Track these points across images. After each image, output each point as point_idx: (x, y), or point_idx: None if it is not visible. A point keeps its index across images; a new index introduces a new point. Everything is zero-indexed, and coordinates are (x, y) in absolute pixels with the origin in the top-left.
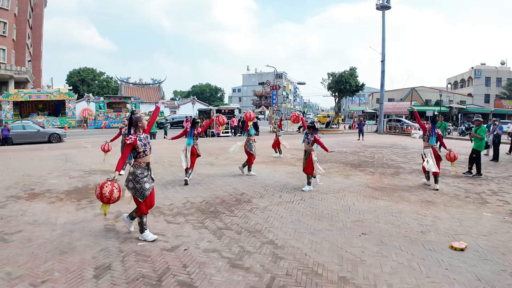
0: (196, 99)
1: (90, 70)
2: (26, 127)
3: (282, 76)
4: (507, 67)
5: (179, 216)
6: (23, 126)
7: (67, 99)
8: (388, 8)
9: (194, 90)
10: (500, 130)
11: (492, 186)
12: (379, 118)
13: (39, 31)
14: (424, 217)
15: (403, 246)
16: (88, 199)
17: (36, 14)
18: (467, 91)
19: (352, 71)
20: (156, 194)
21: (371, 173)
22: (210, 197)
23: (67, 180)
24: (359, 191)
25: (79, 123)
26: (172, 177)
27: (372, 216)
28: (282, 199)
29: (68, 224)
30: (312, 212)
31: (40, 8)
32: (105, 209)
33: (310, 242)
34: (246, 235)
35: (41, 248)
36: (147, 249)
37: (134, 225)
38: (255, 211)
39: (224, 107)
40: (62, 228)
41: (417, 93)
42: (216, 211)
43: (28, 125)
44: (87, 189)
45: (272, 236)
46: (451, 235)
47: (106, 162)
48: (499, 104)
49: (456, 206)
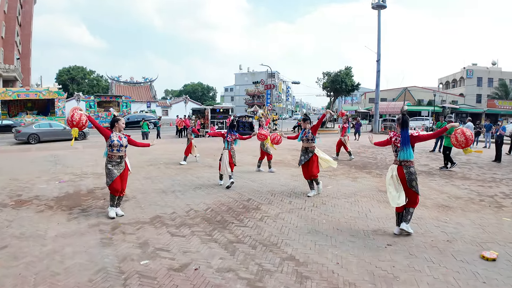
0: (188, 98)
1: (80, 68)
2: (53, 125)
3: (275, 75)
4: (498, 68)
5: (184, 227)
6: (49, 124)
7: (56, 98)
8: (384, 8)
9: (186, 89)
10: (503, 131)
11: (503, 189)
12: (375, 118)
13: (28, 28)
14: (445, 223)
15: (434, 258)
16: (80, 207)
17: (25, 11)
18: (459, 91)
19: (347, 70)
20: (155, 200)
21: (378, 176)
22: (214, 203)
23: (57, 185)
24: (371, 196)
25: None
26: (170, 181)
27: (392, 224)
28: (293, 205)
29: (59, 237)
30: (328, 221)
31: (29, 5)
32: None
33: (334, 257)
34: (262, 250)
35: (29, 268)
36: (151, 269)
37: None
38: (266, 220)
39: (219, 106)
40: (52, 242)
41: (410, 93)
42: (224, 221)
43: (54, 123)
44: (79, 195)
45: (291, 251)
46: (478, 244)
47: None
48: (491, 104)
49: (474, 210)
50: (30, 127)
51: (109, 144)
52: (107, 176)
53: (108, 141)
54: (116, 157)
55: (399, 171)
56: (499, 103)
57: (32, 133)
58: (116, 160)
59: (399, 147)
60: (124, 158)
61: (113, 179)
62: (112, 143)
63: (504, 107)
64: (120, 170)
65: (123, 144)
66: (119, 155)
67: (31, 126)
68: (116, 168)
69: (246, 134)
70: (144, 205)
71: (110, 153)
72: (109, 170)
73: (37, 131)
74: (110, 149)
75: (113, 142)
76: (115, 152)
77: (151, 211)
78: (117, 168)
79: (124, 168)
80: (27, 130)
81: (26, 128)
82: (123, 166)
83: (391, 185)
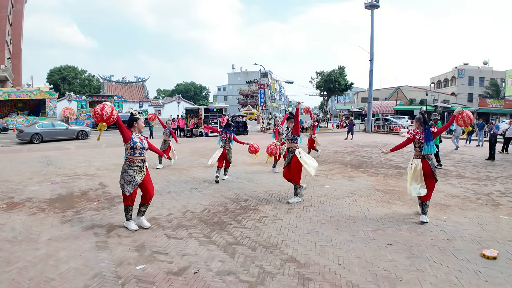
0: (181, 97)
1: (72, 68)
2: (56, 124)
3: (268, 75)
4: (489, 67)
5: (181, 229)
6: (52, 124)
7: (47, 98)
8: (377, 7)
9: (178, 89)
10: (497, 129)
11: (498, 187)
12: (368, 117)
13: (19, 28)
14: (444, 222)
15: (435, 257)
16: (74, 209)
17: (16, 11)
18: (451, 90)
19: (341, 70)
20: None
21: (374, 175)
22: (211, 204)
23: (49, 187)
24: (369, 195)
25: None
26: (165, 182)
27: (391, 223)
28: (291, 205)
29: (53, 241)
30: (328, 221)
31: (20, 4)
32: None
33: (336, 258)
34: (262, 252)
35: (22, 273)
36: (149, 273)
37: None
38: (265, 221)
39: (213, 106)
40: (46, 246)
41: (402, 92)
42: (222, 222)
43: (57, 123)
44: (71, 197)
45: (292, 252)
46: (478, 242)
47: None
48: (483, 103)
49: (471, 209)
50: (33, 127)
51: (131, 146)
52: (127, 183)
53: (129, 143)
54: (138, 161)
55: (424, 164)
56: (490, 102)
57: (36, 133)
58: (138, 165)
59: (423, 143)
60: (145, 162)
61: (135, 187)
62: (135, 146)
63: (495, 106)
64: (142, 176)
65: (145, 147)
66: (141, 159)
67: (34, 126)
68: (138, 174)
69: (240, 134)
70: None
71: (131, 157)
72: (130, 177)
73: (40, 131)
74: (132, 152)
75: (135, 144)
76: (137, 155)
77: (147, 212)
78: (139, 174)
79: (146, 173)
80: (30, 130)
81: (29, 128)
82: (144, 171)
83: (415, 178)
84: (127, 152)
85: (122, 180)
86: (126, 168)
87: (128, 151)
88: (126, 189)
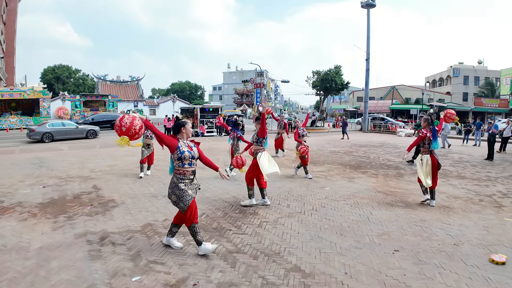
0: (176, 97)
1: (66, 67)
2: (66, 124)
3: (263, 74)
4: (484, 66)
5: (178, 236)
6: (62, 123)
7: (41, 97)
8: (373, 6)
9: (173, 88)
10: (495, 129)
11: (500, 188)
12: (364, 117)
13: (12, 26)
14: (449, 225)
15: (444, 264)
16: (66, 214)
17: (10, 9)
18: (446, 89)
19: (337, 69)
20: (145, 206)
21: (374, 176)
22: (209, 209)
23: (41, 190)
24: (370, 197)
25: None
26: (161, 184)
27: (396, 227)
28: (291, 209)
29: (44, 249)
30: (331, 225)
31: (14, 3)
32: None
33: (342, 266)
34: (264, 260)
35: (12, 285)
36: (145, 286)
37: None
38: (265, 226)
39: (209, 105)
40: (37, 256)
41: (397, 91)
42: (221, 228)
43: (67, 122)
44: (64, 201)
45: (296, 260)
46: (485, 246)
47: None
48: (479, 102)
49: (475, 211)
50: (44, 126)
51: (178, 157)
52: (180, 199)
53: (176, 153)
54: (189, 173)
55: (433, 159)
56: (486, 101)
57: (46, 132)
58: (189, 177)
59: (432, 140)
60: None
61: (189, 204)
62: (183, 155)
63: (490, 105)
64: (195, 190)
65: (195, 156)
66: (192, 170)
67: (45, 125)
68: (190, 187)
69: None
70: (134, 212)
71: (181, 168)
72: (182, 191)
73: (51, 130)
74: (180, 164)
75: (183, 154)
76: (186, 167)
77: (142, 218)
78: (191, 188)
79: (199, 187)
80: (41, 129)
81: (40, 127)
82: (197, 185)
83: (425, 171)
84: (174, 163)
85: (174, 196)
86: (176, 182)
87: (176, 162)
88: (181, 206)
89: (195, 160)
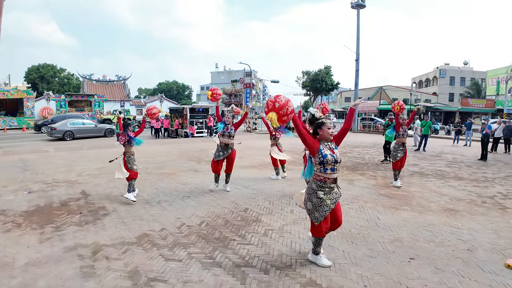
0: (164, 96)
1: (50, 66)
2: (85, 123)
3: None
4: (470, 67)
5: (178, 248)
6: (82, 122)
7: (25, 97)
8: (363, 7)
9: (160, 88)
10: (489, 129)
11: (499, 189)
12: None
13: None
14: (458, 229)
15: (462, 271)
16: (54, 224)
17: None
18: (432, 90)
19: (327, 69)
20: (139, 214)
21: (373, 177)
22: (208, 216)
23: (25, 196)
24: (374, 200)
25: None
26: (154, 189)
27: (406, 232)
28: (295, 215)
29: (31, 266)
30: (340, 232)
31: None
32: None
33: (359, 278)
34: (276, 274)
35: None
36: None
37: None
38: (271, 235)
39: (199, 105)
40: (22, 273)
41: (385, 92)
42: (224, 238)
43: (87, 122)
44: (51, 209)
45: (310, 273)
46: (499, 251)
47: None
48: (465, 102)
49: (480, 214)
50: (65, 125)
51: (320, 161)
52: (316, 209)
53: (317, 156)
54: (330, 180)
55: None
56: (472, 102)
57: (68, 130)
58: (330, 186)
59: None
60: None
61: (325, 216)
62: (325, 159)
63: (477, 105)
64: (335, 200)
65: (338, 160)
66: (333, 178)
67: (66, 124)
68: (329, 197)
69: None
70: (127, 220)
71: (322, 174)
72: (320, 200)
73: (71, 129)
74: (322, 169)
75: (325, 158)
76: (329, 172)
77: (137, 227)
78: (330, 198)
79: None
80: (62, 127)
81: (62, 126)
82: (338, 194)
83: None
84: (315, 167)
85: (310, 204)
86: (315, 189)
87: (317, 166)
88: (315, 216)
89: (338, 164)
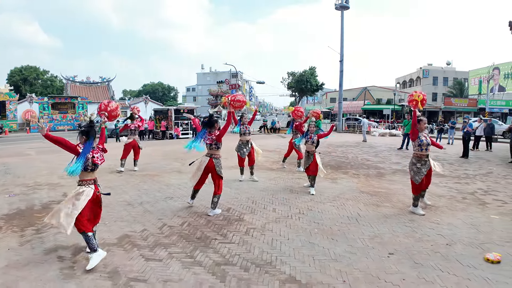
0: (149, 98)
1: (33, 68)
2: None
3: (238, 75)
4: (452, 68)
5: (159, 248)
6: None
7: (7, 100)
8: (347, 8)
9: (145, 89)
10: (470, 128)
11: (480, 185)
12: (338, 117)
13: None
14: (438, 225)
15: (440, 265)
16: (34, 226)
17: None
18: (416, 90)
19: (312, 70)
20: (121, 215)
21: (355, 176)
22: (190, 216)
23: (6, 200)
24: (355, 198)
25: (21, 126)
26: (136, 191)
27: (387, 229)
28: (278, 213)
29: (11, 268)
30: (320, 229)
31: None
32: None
33: (338, 273)
34: (256, 272)
35: None
36: None
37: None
38: (253, 233)
39: (184, 106)
40: (3, 275)
41: (369, 92)
42: (205, 237)
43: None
44: (32, 212)
45: (289, 270)
46: (478, 245)
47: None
48: (448, 102)
49: (461, 209)
50: None
51: (418, 144)
52: (416, 174)
53: (417, 141)
54: (424, 156)
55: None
56: (455, 101)
57: None
58: (424, 159)
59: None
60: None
61: (422, 177)
62: (421, 143)
63: (460, 104)
64: (427, 169)
65: (429, 143)
66: (426, 154)
67: None
68: (424, 166)
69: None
70: (108, 222)
71: (419, 152)
72: (418, 169)
73: None
74: (419, 149)
75: (422, 142)
76: (423, 151)
77: (118, 229)
78: (424, 167)
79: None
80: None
81: None
82: (429, 165)
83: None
84: (415, 148)
85: (412, 172)
86: (414, 162)
87: (416, 147)
88: (416, 179)
89: (429, 146)
